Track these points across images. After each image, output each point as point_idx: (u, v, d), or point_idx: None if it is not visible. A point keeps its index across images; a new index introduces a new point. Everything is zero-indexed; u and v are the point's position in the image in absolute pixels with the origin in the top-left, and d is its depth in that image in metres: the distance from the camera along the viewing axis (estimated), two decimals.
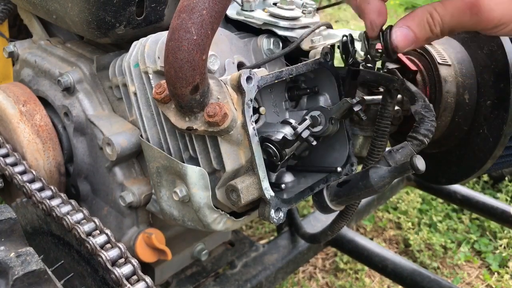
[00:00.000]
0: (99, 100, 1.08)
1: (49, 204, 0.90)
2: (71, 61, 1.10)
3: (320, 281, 1.88)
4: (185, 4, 0.68)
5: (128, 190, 1.02)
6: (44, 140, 1.07)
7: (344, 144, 0.94)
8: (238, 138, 0.78)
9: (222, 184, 0.84)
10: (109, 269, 0.77)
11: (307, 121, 0.81)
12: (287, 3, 1.00)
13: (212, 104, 0.75)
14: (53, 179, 1.10)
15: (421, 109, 0.80)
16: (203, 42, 0.69)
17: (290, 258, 1.57)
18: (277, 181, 0.90)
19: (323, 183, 0.87)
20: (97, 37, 0.98)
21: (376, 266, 1.62)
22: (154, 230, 1.06)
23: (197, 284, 1.42)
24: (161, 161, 0.88)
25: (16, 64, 1.23)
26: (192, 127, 0.78)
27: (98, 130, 1.02)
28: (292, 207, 0.88)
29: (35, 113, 1.08)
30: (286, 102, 0.95)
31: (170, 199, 0.91)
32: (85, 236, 0.82)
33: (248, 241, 1.60)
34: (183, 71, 0.70)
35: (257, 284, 1.46)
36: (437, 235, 2.06)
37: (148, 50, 0.87)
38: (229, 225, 0.89)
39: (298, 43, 0.95)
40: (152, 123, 0.91)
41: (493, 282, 1.89)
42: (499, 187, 2.33)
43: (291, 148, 0.81)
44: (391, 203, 2.27)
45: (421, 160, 0.68)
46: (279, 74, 0.82)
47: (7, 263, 0.65)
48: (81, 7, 0.92)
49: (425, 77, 1.05)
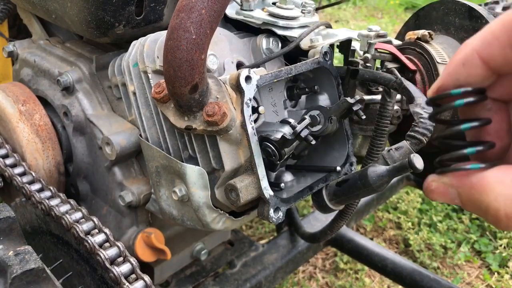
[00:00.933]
0: (99, 99, 1.08)
1: (48, 204, 0.90)
2: (70, 60, 1.10)
3: (320, 281, 1.88)
4: (184, 3, 0.68)
5: (128, 189, 1.02)
6: (43, 140, 1.07)
7: (343, 143, 0.94)
8: (237, 137, 0.78)
9: (221, 183, 0.84)
10: (108, 268, 0.77)
11: (306, 121, 0.81)
12: (286, 2, 1.00)
13: (211, 103, 0.75)
14: (53, 179, 1.10)
15: (420, 109, 0.80)
16: (202, 41, 0.69)
17: (290, 257, 1.57)
18: (276, 180, 0.90)
19: (322, 182, 0.87)
20: (96, 36, 0.98)
21: (376, 266, 1.62)
22: (153, 229, 1.06)
23: (196, 283, 1.42)
24: (160, 160, 0.88)
25: (15, 64, 1.23)
26: (191, 127, 0.78)
27: (98, 129, 1.03)
28: (291, 207, 0.88)
29: (35, 112, 1.08)
30: (285, 102, 0.95)
31: (169, 199, 0.91)
32: (83, 235, 0.82)
33: (247, 241, 1.59)
34: (182, 70, 0.70)
35: (257, 284, 1.46)
36: (437, 235, 2.06)
37: (147, 49, 0.87)
38: (228, 224, 0.89)
39: (297, 43, 0.95)
40: (151, 122, 0.91)
41: (493, 282, 1.89)
42: None
43: (290, 147, 0.81)
44: (391, 203, 2.27)
45: (419, 159, 0.68)
46: (278, 73, 0.82)
47: (5, 261, 0.65)
48: (80, 6, 0.92)
49: (424, 77, 1.05)
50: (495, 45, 0.36)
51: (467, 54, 0.38)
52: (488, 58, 0.37)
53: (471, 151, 0.39)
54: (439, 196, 0.40)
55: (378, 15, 5.16)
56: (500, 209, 0.34)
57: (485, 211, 0.36)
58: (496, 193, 0.35)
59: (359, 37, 0.98)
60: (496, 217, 0.35)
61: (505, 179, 0.35)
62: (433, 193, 0.41)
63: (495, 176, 0.35)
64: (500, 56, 0.36)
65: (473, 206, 0.37)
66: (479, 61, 0.37)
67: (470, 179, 0.37)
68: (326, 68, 0.90)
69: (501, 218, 0.34)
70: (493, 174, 0.36)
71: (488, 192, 0.35)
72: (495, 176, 0.35)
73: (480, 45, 0.37)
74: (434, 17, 1.13)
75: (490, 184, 0.35)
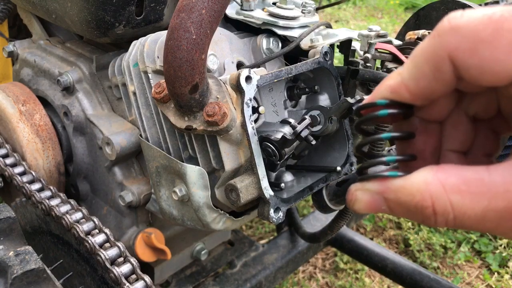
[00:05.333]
0: (99, 99, 1.08)
1: (49, 204, 0.90)
2: (70, 60, 1.10)
3: (320, 281, 1.88)
4: (184, 3, 0.68)
5: (128, 189, 1.02)
6: (43, 140, 1.07)
7: (344, 143, 0.94)
8: (237, 137, 0.78)
9: (221, 183, 0.84)
10: (108, 268, 0.77)
11: (307, 121, 0.81)
12: (286, 2, 1.00)
13: (211, 103, 0.75)
14: (53, 179, 1.10)
15: None
16: (202, 41, 0.69)
17: (290, 257, 1.57)
18: (277, 180, 0.90)
19: (323, 182, 0.87)
20: (97, 36, 0.98)
21: (376, 265, 1.62)
22: (153, 229, 1.06)
23: (196, 283, 1.42)
24: (160, 160, 0.88)
25: (15, 64, 1.23)
26: (192, 127, 0.78)
27: (98, 129, 1.03)
28: (291, 207, 0.88)
29: (35, 112, 1.08)
30: (286, 102, 0.95)
31: (169, 199, 0.91)
32: (84, 235, 0.82)
33: (247, 241, 1.59)
34: (182, 70, 0.70)
35: (257, 284, 1.46)
36: (437, 235, 2.06)
37: (148, 49, 0.87)
38: (228, 224, 0.89)
39: (298, 43, 0.95)
40: (152, 122, 0.91)
41: (493, 282, 1.89)
42: None
43: (291, 147, 0.81)
44: None
45: None
46: (278, 73, 0.82)
47: (6, 262, 0.65)
48: (80, 6, 0.92)
49: None
50: (421, 80, 0.36)
51: (396, 84, 0.38)
52: (416, 91, 0.37)
53: (391, 159, 0.40)
54: (365, 205, 0.40)
55: (378, 15, 5.16)
56: (428, 207, 0.35)
57: (414, 212, 0.36)
58: (422, 191, 0.35)
59: (359, 37, 0.98)
60: (425, 215, 0.35)
61: (429, 178, 0.35)
62: (359, 203, 0.40)
63: (420, 176, 0.36)
64: (426, 89, 0.37)
65: (401, 209, 0.37)
66: (406, 91, 0.38)
67: (395, 182, 0.37)
68: (326, 68, 0.90)
69: (429, 215, 0.35)
70: (418, 174, 0.36)
71: (414, 193, 0.35)
72: (419, 176, 0.36)
73: (407, 79, 0.37)
74: (434, 17, 1.13)
75: (415, 184, 0.36)
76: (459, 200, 0.33)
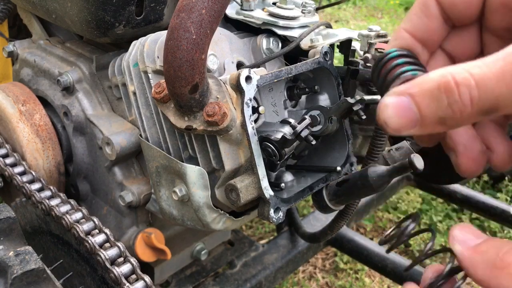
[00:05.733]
0: (99, 99, 1.08)
1: (49, 204, 0.90)
2: (70, 60, 1.10)
3: (320, 281, 1.88)
4: (184, 3, 0.68)
5: (128, 189, 1.02)
6: (43, 140, 1.07)
7: (344, 143, 0.93)
8: (237, 137, 0.78)
9: (221, 183, 0.84)
10: (108, 268, 0.77)
11: (307, 121, 0.81)
12: (286, 2, 1.00)
13: (211, 103, 0.75)
14: (53, 179, 1.10)
15: None
16: (202, 41, 0.69)
17: (290, 257, 1.57)
18: (277, 180, 0.90)
19: (323, 182, 0.87)
20: (97, 36, 0.98)
21: (376, 266, 1.62)
22: (153, 229, 1.06)
23: (196, 283, 1.42)
24: (160, 160, 0.88)
25: (15, 64, 1.23)
26: (192, 127, 0.78)
27: (98, 129, 1.02)
28: (291, 207, 0.88)
29: (35, 112, 1.08)
30: (286, 102, 0.95)
31: (169, 199, 0.91)
32: (84, 235, 0.82)
33: (247, 241, 1.59)
34: (182, 70, 0.70)
35: (257, 284, 1.46)
36: (437, 235, 2.06)
37: (148, 49, 0.87)
38: (228, 224, 0.89)
39: (298, 43, 0.95)
40: (152, 122, 0.91)
41: None
42: (499, 187, 2.32)
43: (291, 147, 0.81)
44: (391, 203, 2.27)
45: (419, 159, 0.68)
46: (278, 73, 0.82)
47: (6, 262, 0.65)
48: (80, 6, 0.92)
49: None
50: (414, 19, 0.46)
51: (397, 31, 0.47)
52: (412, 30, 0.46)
53: (409, 69, 0.44)
54: (393, 109, 0.39)
55: (378, 15, 5.16)
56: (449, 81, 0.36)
57: (438, 95, 0.37)
58: (443, 73, 0.37)
59: (359, 37, 0.98)
60: (448, 91, 0.37)
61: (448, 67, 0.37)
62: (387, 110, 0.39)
63: (439, 68, 0.38)
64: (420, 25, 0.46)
65: (426, 100, 0.38)
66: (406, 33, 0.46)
67: (418, 78, 0.39)
68: (326, 68, 0.90)
69: (452, 89, 0.36)
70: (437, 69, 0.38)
71: (436, 77, 0.37)
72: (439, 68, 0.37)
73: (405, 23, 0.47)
74: None
75: (436, 71, 0.37)
76: (476, 69, 0.36)
